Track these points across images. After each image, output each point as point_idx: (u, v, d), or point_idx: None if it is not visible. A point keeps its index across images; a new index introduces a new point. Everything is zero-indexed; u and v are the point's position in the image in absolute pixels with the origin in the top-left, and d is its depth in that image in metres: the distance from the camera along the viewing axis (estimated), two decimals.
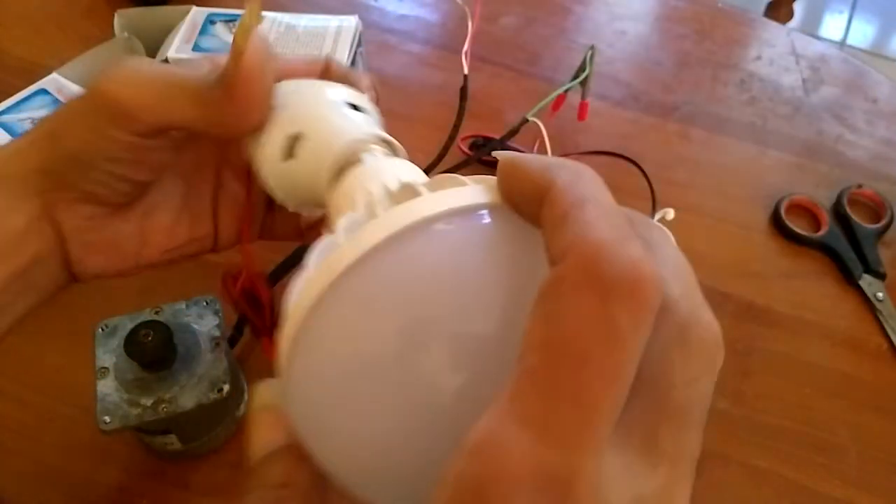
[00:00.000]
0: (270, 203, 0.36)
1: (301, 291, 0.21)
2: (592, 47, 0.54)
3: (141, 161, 0.31)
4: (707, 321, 0.19)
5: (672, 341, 0.18)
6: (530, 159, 0.20)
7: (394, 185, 0.25)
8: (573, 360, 0.15)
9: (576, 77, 0.55)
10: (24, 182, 0.30)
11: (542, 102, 0.50)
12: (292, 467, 0.23)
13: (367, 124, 0.30)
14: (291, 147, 0.30)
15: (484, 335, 0.19)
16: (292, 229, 0.37)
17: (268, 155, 0.31)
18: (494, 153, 0.23)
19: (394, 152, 0.29)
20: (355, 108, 0.31)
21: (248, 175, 0.33)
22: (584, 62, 0.55)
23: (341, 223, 0.22)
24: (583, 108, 0.58)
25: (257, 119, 0.30)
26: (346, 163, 0.28)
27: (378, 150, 0.29)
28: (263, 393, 0.25)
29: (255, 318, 0.38)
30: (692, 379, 0.18)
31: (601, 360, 0.15)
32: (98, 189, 0.31)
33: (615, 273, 0.16)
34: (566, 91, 0.55)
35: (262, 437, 0.24)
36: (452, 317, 0.19)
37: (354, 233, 0.21)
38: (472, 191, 0.21)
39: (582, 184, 0.18)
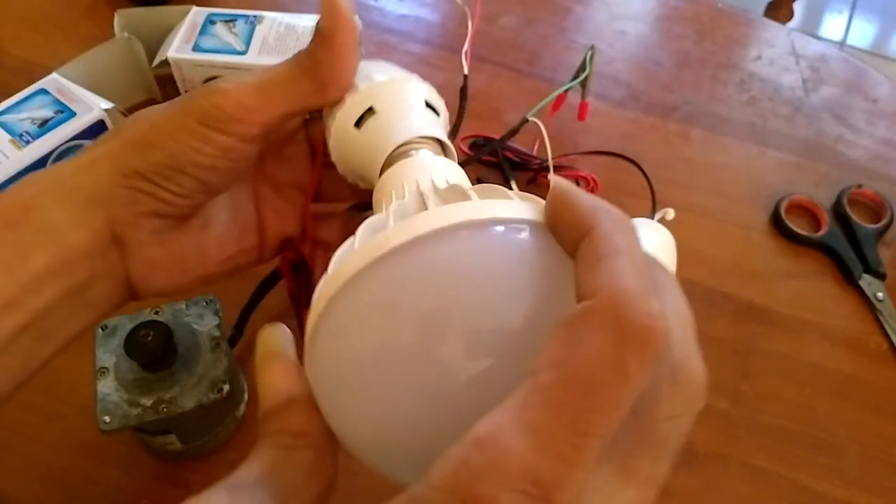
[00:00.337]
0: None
1: (343, 262, 0.23)
2: (592, 47, 0.54)
3: (230, 168, 0.32)
4: (697, 368, 0.22)
5: (664, 379, 0.20)
6: (581, 195, 0.22)
7: (441, 183, 0.27)
8: (582, 387, 0.18)
9: (576, 77, 0.55)
10: (91, 198, 0.30)
11: (543, 102, 0.50)
12: (307, 417, 0.24)
13: (432, 124, 0.32)
14: (362, 118, 0.32)
15: (502, 336, 0.21)
16: (340, 191, 0.38)
17: (339, 118, 0.33)
18: (549, 177, 0.26)
19: (446, 156, 0.31)
20: (430, 106, 0.33)
21: (321, 144, 0.35)
22: (583, 62, 0.55)
23: (392, 207, 0.24)
24: (583, 108, 0.58)
25: (349, 81, 0.32)
26: (402, 151, 0.31)
27: (432, 148, 0.31)
28: (268, 340, 0.27)
29: (301, 289, 0.38)
30: (675, 415, 0.21)
31: (606, 393, 0.18)
32: (175, 199, 0.31)
33: (634, 322, 0.18)
34: (566, 91, 0.55)
35: (273, 385, 0.25)
36: (479, 315, 0.21)
37: (404, 219, 0.22)
38: (518, 206, 0.23)
39: (621, 234, 0.20)
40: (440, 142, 0.32)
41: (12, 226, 0.29)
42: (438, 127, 0.33)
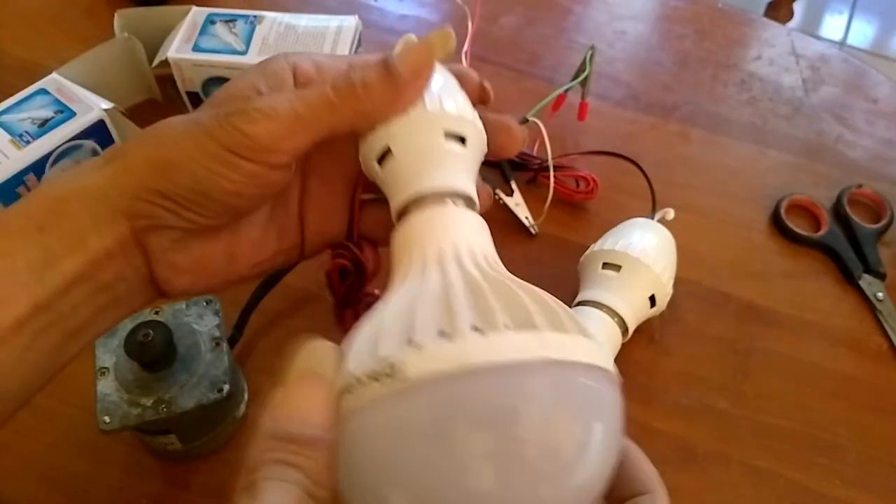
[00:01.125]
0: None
1: (406, 359, 0.21)
2: (592, 47, 0.54)
3: (258, 194, 0.30)
4: None
5: None
6: (645, 464, 0.27)
7: (470, 265, 0.25)
8: None
9: (576, 77, 0.55)
10: (115, 208, 0.30)
11: (543, 102, 0.50)
12: (331, 469, 0.22)
13: (452, 172, 0.29)
14: (383, 156, 0.30)
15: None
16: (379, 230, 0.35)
17: (363, 152, 0.31)
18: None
19: (470, 208, 0.29)
20: (456, 136, 0.30)
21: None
22: (583, 62, 0.55)
23: (426, 328, 0.22)
24: (583, 108, 0.58)
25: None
26: (418, 202, 0.28)
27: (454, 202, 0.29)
28: (320, 357, 0.24)
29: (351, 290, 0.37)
30: None
31: None
32: (199, 219, 0.30)
33: None
34: (566, 91, 0.55)
35: (310, 412, 0.23)
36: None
37: (455, 343, 0.21)
38: (595, 350, 0.23)
39: None
40: (463, 196, 0.29)
41: (41, 230, 0.29)
42: (460, 173, 0.29)
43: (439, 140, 0.29)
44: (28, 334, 0.29)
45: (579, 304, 0.46)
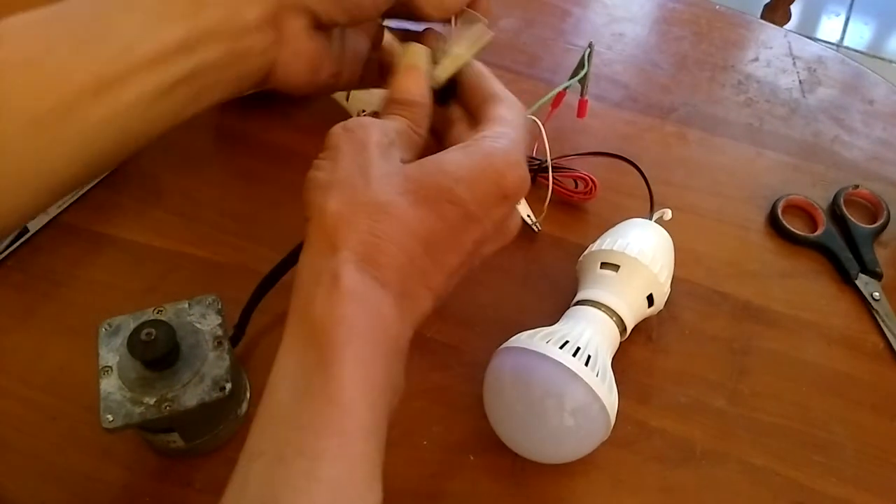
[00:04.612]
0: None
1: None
2: (590, 45, 0.54)
3: (377, 5, 0.38)
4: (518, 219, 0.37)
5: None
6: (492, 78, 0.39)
7: None
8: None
9: (574, 75, 0.55)
10: None
11: (541, 101, 0.50)
12: (427, 119, 0.36)
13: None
14: None
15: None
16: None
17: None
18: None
19: None
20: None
21: None
22: (582, 59, 0.55)
23: None
24: (582, 105, 0.57)
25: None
26: None
27: None
28: (412, 55, 0.37)
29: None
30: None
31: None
32: (330, 8, 0.37)
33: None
34: (565, 89, 0.55)
35: (410, 88, 0.36)
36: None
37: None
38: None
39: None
40: None
41: None
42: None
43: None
44: (169, 75, 0.34)
45: (578, 303, 0.46)
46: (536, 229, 0.54)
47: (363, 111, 0.57)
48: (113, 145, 0.35)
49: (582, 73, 0.55)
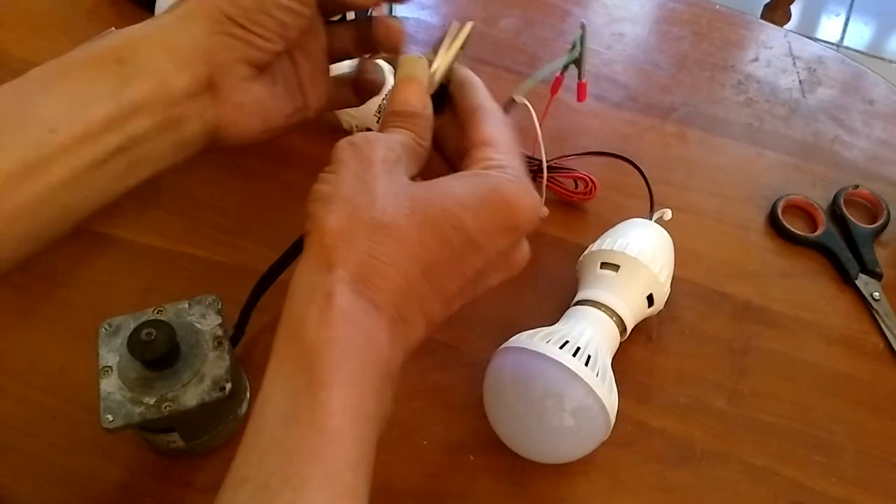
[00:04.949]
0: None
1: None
2: (582, 25, 0.53)
3: (301, 13, 0.36)
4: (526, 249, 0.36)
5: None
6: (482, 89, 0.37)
7: None
8: None
9: (570, 59, 0.54)
10: (195, 45, 0.35)
11: (530, 81, 0.49)
12: (429, 132, 0.35)
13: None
14: None
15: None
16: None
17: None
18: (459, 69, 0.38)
19: None
20: None
21: None
22: (574, 42, 0.54)
23: None
24: (581, 88, 0.56)
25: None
26: None
27: None
28: (410, 66, 0.36)
29: None
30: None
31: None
32: (261, 43, 0.36)
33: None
34: (563, 72, 0.54)
35: (409, 100, 0.35)
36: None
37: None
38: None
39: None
40: None
41: (120, 61, 0.34)
42: None
43: None
44: (99, 150, 0.33)
45: (578, 303, 0.46)
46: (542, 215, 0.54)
47: (356, 126, 0.57)
48: (50, 222, 0.34)
49: (574, 54, 0.53)
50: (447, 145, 0.38)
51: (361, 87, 0.44)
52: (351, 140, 0.33)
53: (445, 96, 0.38)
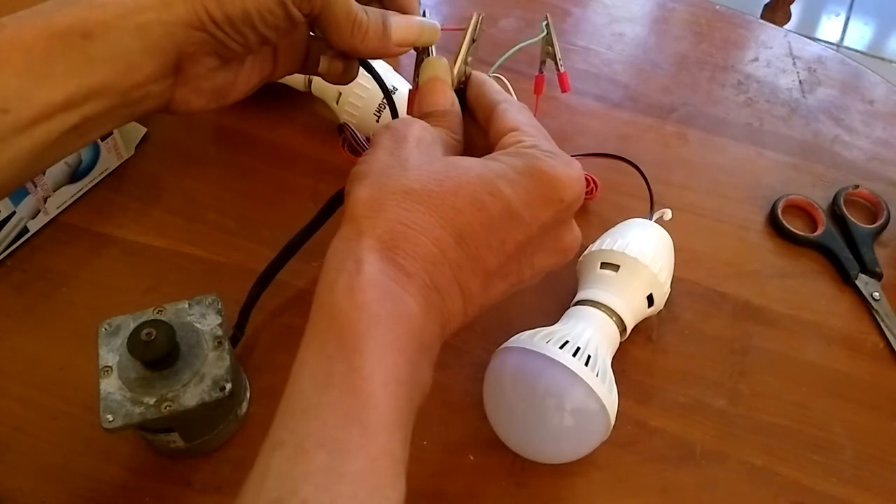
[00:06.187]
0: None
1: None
2: (546, 17, 0.52)
3: (288, 28, 0.35)
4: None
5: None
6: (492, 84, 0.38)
7: None
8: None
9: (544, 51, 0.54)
10: (169, 34, 0.33)
11: (500, 60, 0.49)
12: (461, 124, 0.36)
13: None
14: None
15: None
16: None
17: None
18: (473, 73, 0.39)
19: None
20: None
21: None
22: (541, 28, 0.53)
23: None
24: (562, 79, 0.56)
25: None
26: None
27: None
28: (433, 67, 0.37)
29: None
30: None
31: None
32: (238, 48, 0.35)
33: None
34: (541, 71, 0.54)
35: (437, 100, 0.36)
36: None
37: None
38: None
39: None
40: None
41: (87, 36, 0.32)
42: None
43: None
44: (53, 129, 0.32)
45: (578, 303, 0.46)
46: None
47: (350, 123, 0.56)
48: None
49: (539, 38, 0.53)
50: (471, 145, 0.37)
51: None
52: (388, 124, 0.34)
53: (463, 100, 0.38)
